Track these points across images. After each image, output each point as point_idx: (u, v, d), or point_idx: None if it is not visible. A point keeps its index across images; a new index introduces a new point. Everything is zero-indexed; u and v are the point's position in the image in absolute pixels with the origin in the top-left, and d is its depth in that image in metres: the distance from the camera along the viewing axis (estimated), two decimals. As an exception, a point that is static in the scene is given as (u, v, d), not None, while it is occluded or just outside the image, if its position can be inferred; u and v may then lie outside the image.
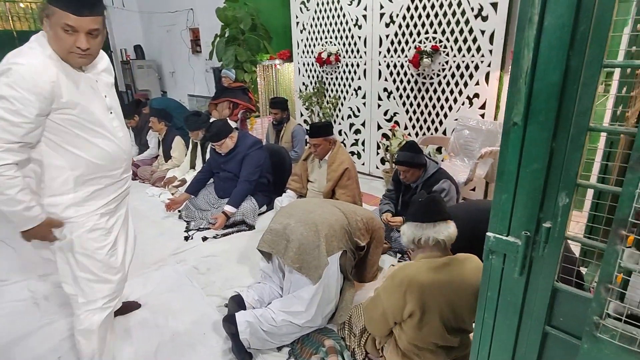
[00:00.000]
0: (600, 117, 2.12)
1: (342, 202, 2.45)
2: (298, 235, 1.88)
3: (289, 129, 4.23)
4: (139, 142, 4.83)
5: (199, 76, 6.97)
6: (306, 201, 2.35)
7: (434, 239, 1.44)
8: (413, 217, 1.51)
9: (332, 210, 2.04)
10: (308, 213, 1.98)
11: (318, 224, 1.90)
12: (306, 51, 4.70)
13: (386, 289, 1.47)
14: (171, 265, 2.61)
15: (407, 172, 2.58)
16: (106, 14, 7.46)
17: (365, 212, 2.23)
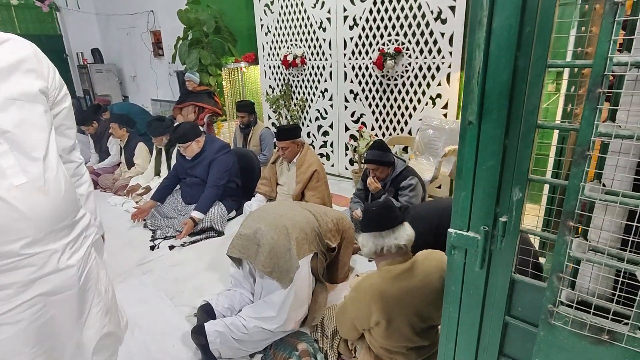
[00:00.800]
0: (553, 114, 2.24)
1: (313, 204, 2.44)
2: (269, 239, 1.85)
3: (256, 132, 4.19)
4: (98, 150, 4.62)
5: (162, 80, 6.78)
6: (276, 204, 2.35)
7: (396, 246, 1.43)
8: (370, 227, 1.47)
9: (302, 213, 2.03)
10: (279, 216, 1.96)
11: (289, 227, 1.88)
12: (272, 54, 4.68)
13: (352, 300, 1.48)
14: (137, 276, 2.52)
15: (377, 170, 2.62)
16: (60, 16, 7.11)
17: (335, 212, 2.24)
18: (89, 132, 4.59)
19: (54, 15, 7.53)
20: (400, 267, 1.43)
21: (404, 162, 2.74)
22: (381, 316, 1.37)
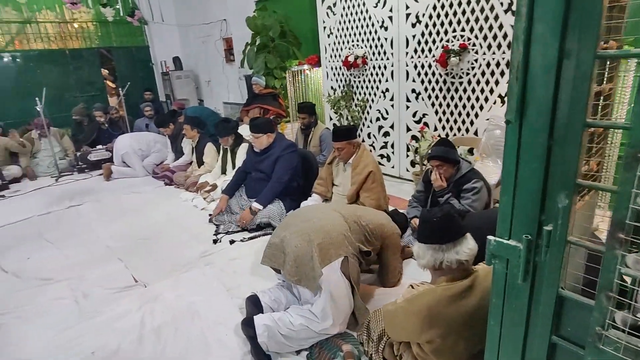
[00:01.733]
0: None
1: (348, 206, 2.34)
2: (293, 247, 1.86)
3: (316, 133, 4.26)
4: (174, 149, 5.05)
5: (233, 84, 7.20)
6: (307, 209, 2.27)
7: (457, 261, 1.32)
8: (429, 239, 1.37)
9: (331, 217, 1.99)
10: (304, 222, 1.95)
11: (311, 233, 1.87)
12: (334, 55, 4.72)
13: (405, 311, 1.39)
14: (200, 267, 2.70)
15: (441, 168, 2.51)
16: (147, 29, 7.91)
17: (374, 217, 2.15)
18: (166, 133, 5.04)
19: (143, 29, 8.38)
20: (460, 285, 1.32)
21: (469, 163, 2.59)
22: (434, 335, 1.30)
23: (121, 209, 3.94)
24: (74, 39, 7.82)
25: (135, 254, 2.94)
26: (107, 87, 8.80)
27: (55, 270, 2.76)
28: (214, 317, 2.14)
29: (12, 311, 2.32)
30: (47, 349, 1.98)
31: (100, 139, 5.98)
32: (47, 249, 3.14)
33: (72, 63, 7.76)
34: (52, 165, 5.40)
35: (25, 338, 2.08)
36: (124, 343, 1.97)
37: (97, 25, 7.99)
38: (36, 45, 7.46)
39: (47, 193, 4.67)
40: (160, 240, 3.17)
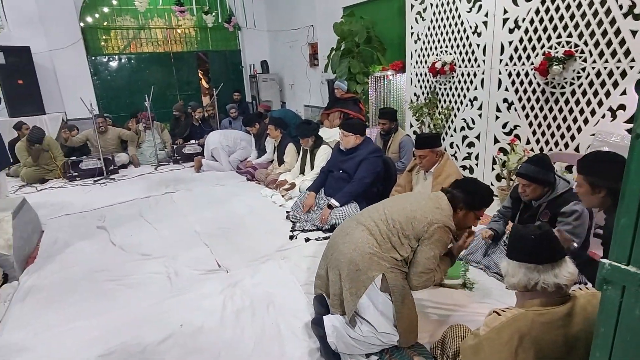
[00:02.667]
0: None
1: (375, 208, 1.98)
2: (331, 284, 1.89)
3: (396, 139, 4.21)
4: (258, 148, 5.37)
5: (315, 88, 7.42)
6: (337, 232, 2.02)
7: (554, 285, 1.20)
8: (524, 257, 1.25)
9: (355, 237, 1.83)
10: (334, 251, 1.90)
11: (339, 264, 1.82)
12: (419, 61, 4.63)
13: (491, 342, 1.26)
14: (276, 260, 2.84)
15: (528, 187, 2.32)
16: (240, 34, 8.50)
17: (402, 215, 1.83)
18: (252, 132, 5.37)
19: (236, 34, 9.05)
20: (557, 312, 1.20)
21: (567, 182, 2.35)
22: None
23: (208, 199, 4.30)
24: (177, 43, 8.72)
25: (219, 241, 3.19)
26: (202, 87, 9.66)
27: (153, 248, 3.11)
28: (288, 309, 2.23)
29: (119, 279, 2.66)
30: (143, 315, 2.24)
31: (193, 134, 6.58)
32: (146, 228, 3.55)
33: (174, 65, 8.67)
34: (153, 155, 6.07)
35: (128, 304, 2.38)
36: (207, 321, 2.15)
37: (197, 30, 8.83)
38: (147, 49, 8.46)
39: (148, 179, 5.27)
40: (241, 231, 3.39)
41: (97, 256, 3.03)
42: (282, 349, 1.93)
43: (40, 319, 2.26)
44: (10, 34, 6.67)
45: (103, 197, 4.50)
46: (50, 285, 2.62)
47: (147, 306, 2.33)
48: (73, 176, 5.29)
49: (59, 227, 3.64)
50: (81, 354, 1.94)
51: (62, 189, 4.99)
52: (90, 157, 5.50)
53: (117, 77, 8.16)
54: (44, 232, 3.53)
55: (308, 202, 3.44)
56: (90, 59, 7.73)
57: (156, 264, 2.84)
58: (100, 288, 2.57)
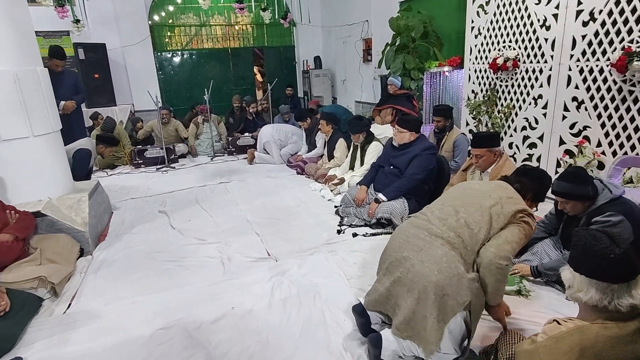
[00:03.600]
0: None
1: (447, 214, 1.75)
2: (403, 303, 1.63)
3: (451, 137, 4.08)
4: (308, 142, 5.44)
5: (367, 84, 7.35)
6: (403, 242, 1.77)
7: (629, 305, 1.12)
8: (597, 275, 1.16)
9: (438, 256, 1.61)
10: (404, 269, 1.65)
11: (421, 289, 1.57)
12: (479, 57, 4.43)
13: (549, 351, 1.20)
14: (323, 253, 2.87)
15: (566, 204, 2.15)
16: (295, 30, 8.65)
17: (483, 215, 1.68)
18: (303, 127, 5.46)
19: (291, 30, 9.20)
20: (625, 327, 1.12)
21: (611, 192, 2.09)
22: None
23: (259, 190, 4.44)
24: (235, 39, 9.04)
25: (269, 230, 3.29)
26: (256, 82, 9.95)
27: (208, 233, 3.28)
28: (334, 301, 2.26)
29: (178, 260, 2.85)
30: (198, 296, 2.38)
31: (247, 127, 6.81)
32: (202, 214, 3.75)
33: (231, 60, 9.01)
34: (209, 146, 6.38)
35: (185, 283, 2.54)
36: (257, 306, 2.24)
37: (254, 27, 9.10)
38: (207, 45, 8.87)
39: (204, 169, 5.55)
40: (290, 222, 3.47)
41: (158, 238, 3.26)
42: (328, 338, 1.96)
43: (110, 291, 2.49)
44: (90, 32, 7.30)
45: (164, 184, 4.82)
46: (119, 261, 2.87)
47: (202, 287, 2.47)
48: (138, 163, 5.71)
49: (125, 209, 3.96)
50: (144, 325, 2.11)
51: (129, 175, 5.40)
52: (153, 147, 5.90)
53: (179, 72, 8.64)
54: (113, 213, 3.86)
55: (360, 196, 3.40)
56: (156, 54, 8.25)
57: (211, 249, 3.00)
58: (161, 267, 2.76)
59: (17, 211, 2.61)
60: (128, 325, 2.12)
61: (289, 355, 1.86)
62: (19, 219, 2.57)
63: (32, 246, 2.59)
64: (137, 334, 2.04)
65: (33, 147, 2.90)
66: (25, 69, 2.84)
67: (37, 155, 2.93)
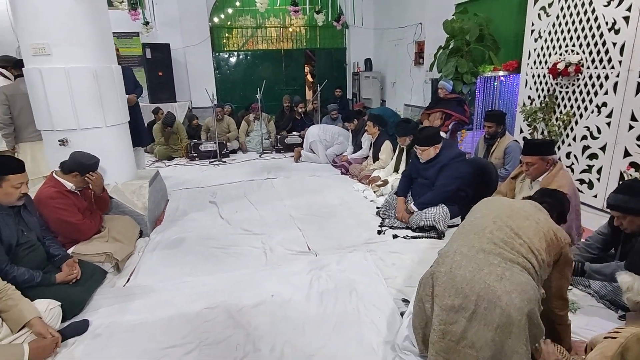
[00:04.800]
0: None
1: (510, 237, 1.57)
2: (488, 341, 1.43)
3: (502, 144, 3.93)
4: (354, 143, 5.49)
5: (417, 87, 7.26)
6: (485, 272, 1.51)
7: None
8: None
9: (523, 284, 1.44)
10: (495, 299, 1.42)
11: (514, 320, 1.38)
12: (538, 61, 4.23)
13: None
14: (362, 251, 2.92)
15: (623, 219, 2.01)
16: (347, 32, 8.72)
17: (542, 240, 1.56)
18: (350, 128, 5.52)
19: (344, 32, 9.29)
20: None
21: None
22: None
23: (304, 187, 4.57)
24: (288, 40, 9.31)
25: (310, 226, 3.39)
26: (307, 82, 10.16)
27: (253, 225, 3.45)
28: (369, 298, 2.30)
29: (224, 247, 3.04)
30: (241, 281, 2.53)
31: (295, 126, 7.00)
32: (249, 207, 3.94)
33: (284, 61, 9.29)
34: (259, 143, 6.63)
35: (230, 269, 2.71)
36: (295, 295, 2.34)
37: (307, 29, 9.30)
38: (261, 46, 9.22)
39: (253, 165, 5.79)
40: (331, 220, 3.55)
41: (208, 226, 3.49)
42: (361, 334, 2.01)
43: (163, 270, 2.72)
44: (157, 33, 7.89)
45: (215, 177, 5.10)
46: (172, 244, 3.11)
47: (244, 274, 2.63)
48: (193, 156, 6.08)
49: (179, 198, 4.25)
50: (192, 303, 2.29)
51: (184, 167, 5.78)
52: (207, 141, 6.25)
53: (235, 72, 9.06)
54: (169, 201, 4.16)
55: (399, 208, 3.41)
56: (214, 54, 8.71)
57: (255, 240, 3.16)
58: (209, 253, 2.96)
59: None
60: (177, 301, 2.31)
61: (321, 345, 1.93)
62: (102, 197, 2.92)
63: (102, 225, 2.89)
64: (185, 310, 2.23)
65: (105, 136, 3.23)
66: (103, 66, 3.17)
67: (107, 143, 3.25)
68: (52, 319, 1.95)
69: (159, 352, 1.91)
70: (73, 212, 2.60)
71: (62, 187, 2.61)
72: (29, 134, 3.44)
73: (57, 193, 2.56)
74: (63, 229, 2.55)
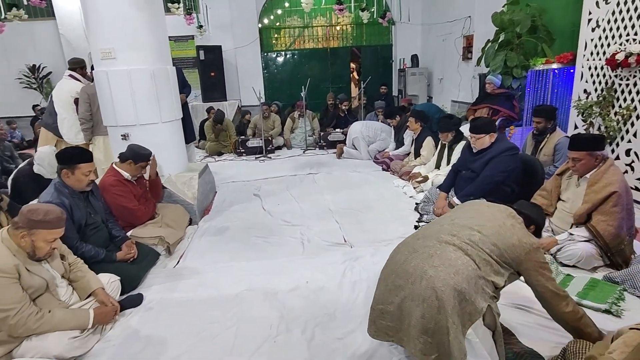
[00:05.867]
0: None
1: (458, 226, 1.62)
2: (418, 318, 1.43)
3: (552, 140, 3.74)
4: (396, 139, 5.48)
5: (465, 83, 7.05)
6: (407, 254, 1.60)
7: None
8: None
9: (453, 259, 1.48)
10: (419, 278, 1.46)
11: (440, 296, 1.39)
12: (595, 52, 3.96)
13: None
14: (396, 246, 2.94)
15: None
16: (394, 29, 8.65)
17: (497, 236, 1.57)
18: (392, 124, 5.51)
19: (390, 29, 9.21)
20: None
21: None
22: None
23: (344, 183, 4.65)
24: (334, 39, 9.41)
25: (348, 220, 3.48)
26: (353, 80, 10.20)
27: (294, 217, 3.60)
28: (401, 290, 2.34)
29: (265, 237, 3.22)
30: (279, 268, 2.67)
31: (339, 123, 7.09)
32: (290, 200, 4.10)
33: (329, 59, 9.40)
34: (302, 140, 6.81)
35: (270, 257, 2.88)
36: (328, 283, 2.44)
37: (353, 26, 9.35)
38: (308, 45, 9.41)
39: (296, 161, 5.97)
40: (369, 214, 3.61)
41: (251, 216, 3.69)
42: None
43: (209, 254, 2.94)
44: (210, 35, 8.34)
45: (260, 171, 5.34)
46: (218, 232, 3.35)
47: (282, 262, 2.77)
48: (240, 152, 6.39)
49: (227, 191, 4.52)
50: (234, 285, 2.47)
51: (232, 162, 6.10)
52: (254, 138, 6.54)
53: (282, 71, 9.34)
54: (217, 193, 4.44)
55: (439, 205, 3.37)
56: (263, 54, 9.04)
57: (294, 230, 3.30)
58: (251, 241, 3.15)
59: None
60: (220, 283, 2.50)
61: (351, 330, 2.01)
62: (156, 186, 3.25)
63: (156, 212, 3.18)
64: (227, 291, 2.41)
65: (160, 131, 3.53)
66: (160, 67, 3.47)
67: (163, 138, 3.55)
68: (113, 290, 2.21)
69: (202, 326, 2.09)
70: (130, 199, 2.90)
71: (121, 176, 2.91)
72: (102, 129, 3.84)
73: (117, 181, 2.87)
74: (122, 214, 2.85)
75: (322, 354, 1.85)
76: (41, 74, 8.61)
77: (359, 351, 1.85)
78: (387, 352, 1.83)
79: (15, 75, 8.53)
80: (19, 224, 1.76)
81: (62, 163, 2.36)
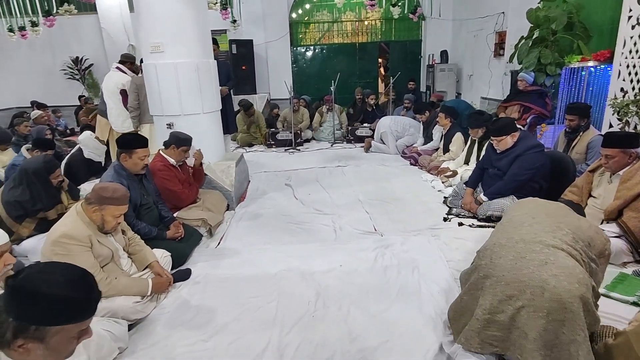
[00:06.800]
0: None
1: (552, 225, 1.58)
2: (540, 331, 1.35)
3: (584, 138, 3.74)
4: (425, 135, 5.53)
5: (496, 79, 6.99)
6: (528, 259, 1.49)
7: None
8: None
9: (570, 267, 1.41)
10: (541, 284, 1.37)
11: (567, 303, 1.32)
12: (635, 50, 3.91)
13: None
14: (426, 236, 3.05)
15: None
16: (424, 24, 8.62)
17: (584, 235, 1.58)
18: (421, 119, 5.57)
19: (420, 24, 9.18)
20: None
21: None
22: None
23: (373, 175, 4.78)
24: (363, 34, 9.46)
25: (377, 210, 3.61)
26: (380, 75, 10.23)
27: (325, 206, 3.76)
28: (430, 275, 2.45)
29: (298, 223, 3.39)
30: (313, 252, 2.84)
31: (366, 118, 7.18)
32: (321, 191, 4.25)
33: (358, 54, 9.47)
34: (331, 134, 6.95)
35: (303, 241, 3.05)
36: (360, 267, 2.59)
37: (382, 21, 9.36)
38: (336, 40, 9.49)
39: (324, 153, 6.13)
40: (398, 205, 3.72)
41: (284, 204, 3.87)
42: (420, 304, 2.19)
43: (247, 237, 3.15)
44: (242, 29, 8.55)
45: (290, 163, 5.53)
46: (253, 217, 3.55)
47: (316, 246, 2.93)
48: (270, 144, 6.60)
49: (259, 180, 4.72)
50: (271, 265, 2.65)
51: (262, 153, 6.32)
52: (284, 130, 6.72)
53: (310, 65, 9.48)
54: (250, 182, 4.65)
55: (466, 200, 3.43)
56: (292, 49, 9.20)
57: (326, 219, 3.46)
58: (285, 227, 3.33)
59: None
60: (259, 263, 2.70)
61: (385, 308, 2.15)
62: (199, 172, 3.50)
63: (198, 197, 3.41)
64: (265, 270, 2.59)
65: (202, 121, 3.75)
66: (202, 60, 3.67)
67: (204, 128, 3.77)
68: (165, 264, 2.43)
69: (245, 300, 2.28)
70: (175, 183, 3.13)
71: (166, 162, 3.15)
72: (149, 117, 4.10)
73: (163, 166, 3.11)
74: (168, 196, 3.08)
75: (358, 328, 2.00)
76: (83, 66, 9.08)
77: (393, 326, 2.00)
78: (422, 326, 1.97)
79: (60, 67, 9.04)
80: (92, 199, 1.98)
81: (121, 147, 2.60)
